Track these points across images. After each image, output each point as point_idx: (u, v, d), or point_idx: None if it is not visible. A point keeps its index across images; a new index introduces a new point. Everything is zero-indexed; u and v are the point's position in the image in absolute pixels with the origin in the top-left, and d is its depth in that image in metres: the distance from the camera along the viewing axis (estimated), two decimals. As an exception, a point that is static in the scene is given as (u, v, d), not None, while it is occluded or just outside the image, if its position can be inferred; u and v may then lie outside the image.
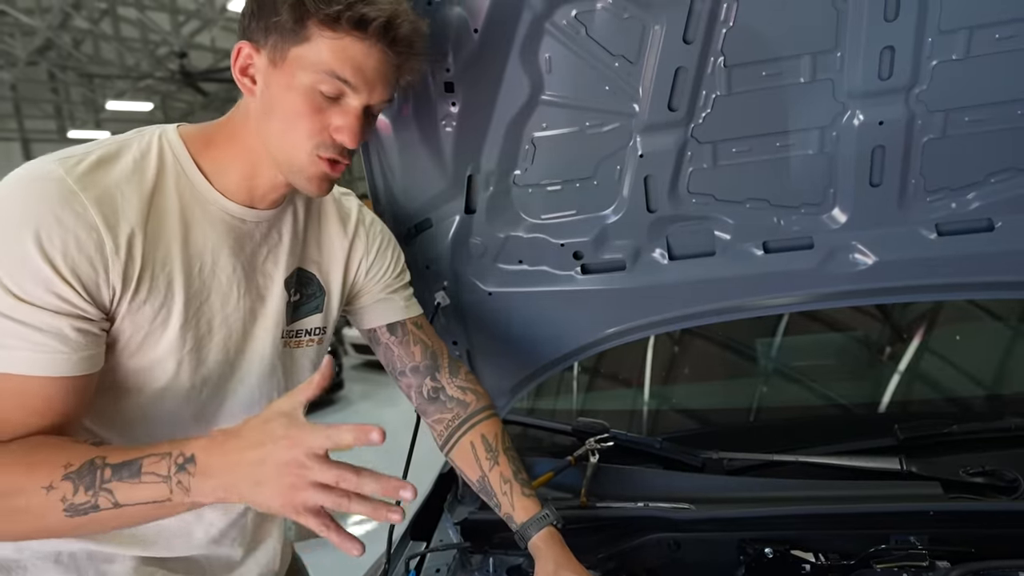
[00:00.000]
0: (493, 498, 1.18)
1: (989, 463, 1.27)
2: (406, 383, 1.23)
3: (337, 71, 0.87)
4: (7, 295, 0.79)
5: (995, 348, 1.71)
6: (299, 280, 1.07)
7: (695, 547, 1.22)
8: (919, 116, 1.17)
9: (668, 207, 1.30)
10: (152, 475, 0.79)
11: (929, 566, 1.10)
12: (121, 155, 0.88)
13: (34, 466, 0.80)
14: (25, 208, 0.80)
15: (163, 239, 0.89)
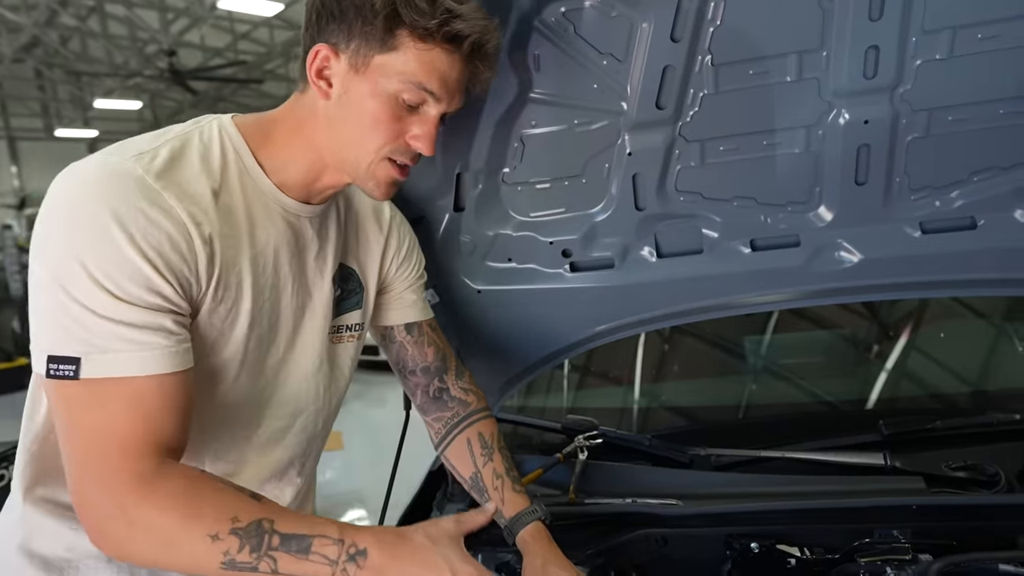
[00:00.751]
0: (484, 494, 1.20)
1: (971, 458, 1.28)
2: (414, 382, 1.24)
3: (424, 82, 0.89)
4: (106, 295, 0.78)
5: (978, 345, 1.73)
6: (341, 275, 1.08)
7: (682, 542, 1.22)
8: (903, 115, 1.18)
9: (656, 205, 1.31)
10: (320, 556, 0.82)
11: (912, 559, 1.11)
12: (187, 150, 0.88)
13: (203, 512, 0.81)
14: (111, 206, 0.79)
15: (233, 237, 0.89)
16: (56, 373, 0.78)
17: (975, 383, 1.65)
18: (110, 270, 0.78)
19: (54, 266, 0.78)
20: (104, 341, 0.78)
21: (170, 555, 0.82)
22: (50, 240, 0.80)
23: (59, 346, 0.78)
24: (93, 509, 0.81)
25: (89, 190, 0.80)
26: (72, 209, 0.80)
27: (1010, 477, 1.24)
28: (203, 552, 0.80)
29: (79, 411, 0.80)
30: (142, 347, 0.80)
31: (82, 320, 0.78)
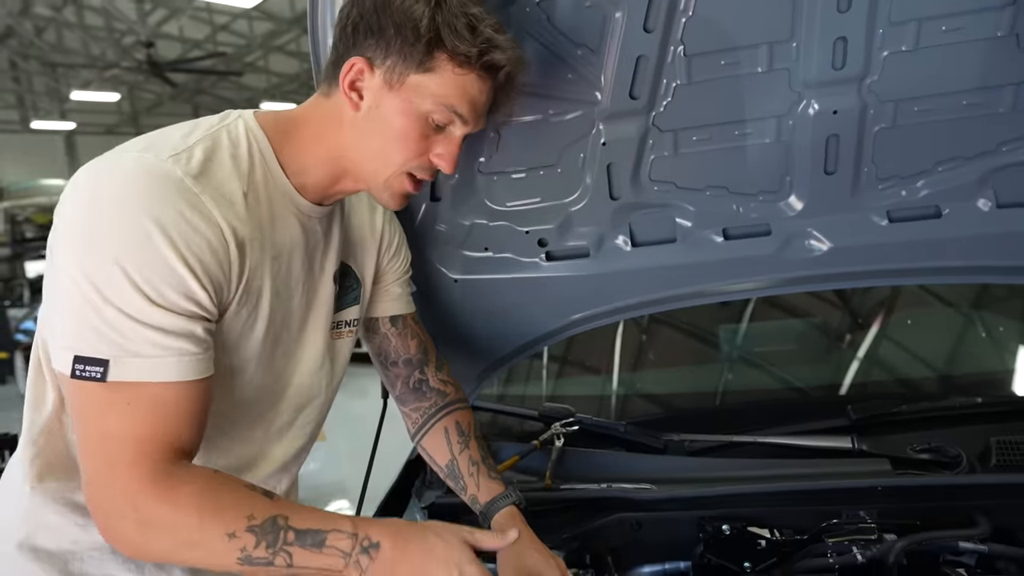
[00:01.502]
0: (460, 480, 1.21)
1: (935, 440, 1.30)
2: (395, 373, 1.25)
3: (456, 106, 0.90)
4: (144, 300, 0.77)
5: (943, 332, 1.76)
6: (341, 272, 1.09)
7: (656, 526, 1.23)
8: (871, 106, 1.19)
9: (630, 194, 1.31)
10: (334, 549, 0.83)
11: (878, 539, 1.13)
12: (218, 151, 0.87)
13: (220, 511, 0.81)
14: (155, 211, 0.77)
15: (258, 239, 0.89)
16: (82, 374, 0.77)
17: (940, 369, 1.68)
18: (150, 275, 0.77)
19: (90, 267, 0.77)
20: (136, 345, 0.78)
21: (187, 553, 0.83)
22: (86, 238, 0.78)
23: (88, 347, 0.77)
24: (106, 507, 0.81)
25: (131, 191, 0.78)
26: (113, 210, 0.78)
27: (971, 458, 1.27)
28: (220, 549, 0.81)
29: (100, 412, 0.79)
30: (172, 353, 0.79)
31: (115, 323, 0.77)
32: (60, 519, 0.93)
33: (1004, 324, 1.78)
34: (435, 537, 0.88)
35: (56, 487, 0.93)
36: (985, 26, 1.12)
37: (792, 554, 1.14)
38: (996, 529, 1.14)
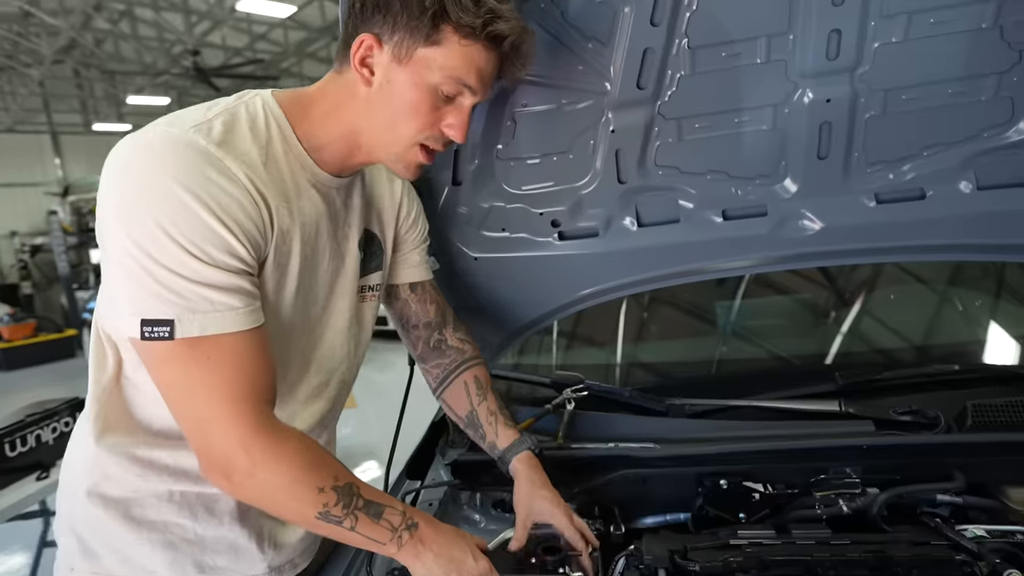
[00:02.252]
0: (479, 429, 1.20)
1: (915, 404, 1.28)
2: (416, 335, 1.23)
3: (463, 77, 0.87)
4: (194, 260, 0.77)
5: (922, 307, 1.72)
6: (365, 239, 1.06)
7: (659, 481, 1.22)
8: (862, 94, 1.16)
9: (637, 178, 1.29)
10: (387, 522, 0.88)
11: (861, 492, 1.12)
12: (238, 122, 0.85)
13: (315, 467, 0.85)
14: (182, 178, 0.76)
15: (285, 207, 0.88)
16: (151, 335, 0.77)
17: (919, 340, 1.64)
18: (192, 236, 0.76)
19: (136, 233, 0.76)
20: (194, 303, 0.77)
21: (279, 497, 0.84)
22: (129, 210, 0.77)
23: (152, 310, 0.77)
24: (218, 451, 0.81)
25: (158, 162, 0.77)
26: (146, 181, 0.77)
27: (948, 420, 1.24)
28: (309, 500, 0.83)
29: (184, 368, 0.79)
30: (228, 307, 0.79)
31: (172, 284, 0.76)
32: (121, 470, 0.93)
33: (979, 299, 1.75)
34: (457, 530, 0.95)
35: (116, 442, 0.93)
36: (971, 18, 1.08)
37: (783, 506, 1.13)
38: (970, 483, 1.12)
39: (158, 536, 0.93)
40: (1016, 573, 0.86)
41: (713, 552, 0.95)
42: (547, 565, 0.93)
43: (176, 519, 0.94)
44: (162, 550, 0.93)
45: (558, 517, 1.04)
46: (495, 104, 1.23)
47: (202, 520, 0.95)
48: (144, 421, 0.92)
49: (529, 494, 1.08)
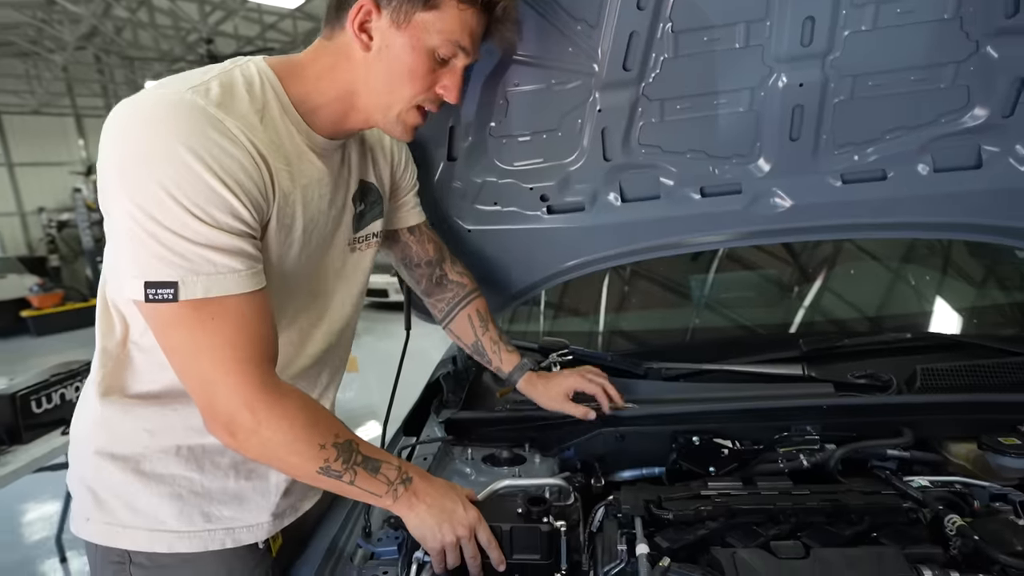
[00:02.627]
0: (484, 356, 1.25)
1: (870, 368, 1.27)
2: (419, 273, 1.22)
3: (460, 40, 0.83)
4: (198, 222, 0.71)
5: (878, 282, 1.72)
6: (363, 191, 1.01)
7: (637, 438, 1.21)
8: (832, 80, 1.13)
9: (621, 156, 1.25)
10: (384, 476, 0.85)
11: (820, 448, 1.11)
12: (235, 85, 0.79)
13: (316, 424, 0.81)
14: (183, 138, 0.71)
15: (286, 169, 0.82)
16: (155, 297, 0.72)
17: (875, 311, 1.64)
18: (197, 199, 0.71)
19: (139, 196, 0.71)
20: (198, 265, 0.72)
21: (282, 452, 0.80)
22: (130, 174, 0.71)
23: (155, 272, 0.72)
24: (223, 410, 0.77)
25: (159, 123, 0.72)
26: (148, 143, 0.71)
27: (900, 382, 1.24)
28: (310, 456, 0.80)
29: (188, 331, 0.75)
30: (231, 269, 0.74)
31: (175, 247, 0.71)
32: (129, 429, 0.90)
33: (928, 274, 1.74)
34: (448, 483, 0.93)
35: (123, 402, 0.89)
36: (934, 8, 1.05)
37: (750, 460, 1.12)
38: (916, 439, 1.12)
39: (166, 489, 0.90)
40: (956, 518, 0.85)
41: (685, 502, 0.94)
42: (532, 514, 0.91)
43: (183, 472, 0.91)
44: (170, 501, 0.90)
45: (581, 381, 1.19)
46: (488, 83, 1.18)
47: (208, 473, 0.92)
48: (151, 382, 0.88)
49: (547, 388, 1.20)
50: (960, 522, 0.84)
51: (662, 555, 0.84)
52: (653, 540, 0.88)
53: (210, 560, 0.92)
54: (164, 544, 0.90)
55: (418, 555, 0.91)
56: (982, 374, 1.22)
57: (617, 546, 0.88)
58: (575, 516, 0.97)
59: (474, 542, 0.88)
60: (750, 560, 0.79)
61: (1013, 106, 1.11)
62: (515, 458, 1.17)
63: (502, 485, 1.01)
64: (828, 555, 0.79)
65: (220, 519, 0.93)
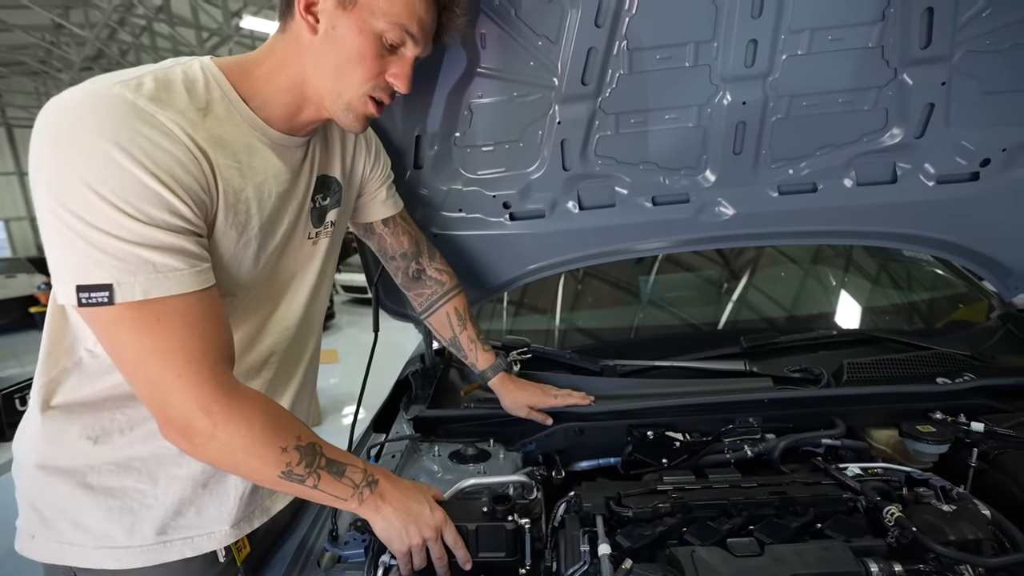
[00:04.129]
0: (461, 351, 1.12)
1: (804, 362, 1.20)
2: (395, 265, 1.07)
3: (406, 24, 0.69)
4: (125, 217, 0.56)
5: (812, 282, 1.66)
6: (322, 185, 0.85)
7: (594, 432, 1.10)
8: (771, 99, 1.04)
9: (579, 166, 1.13)
10: (349, 480, 0.73)
11: (762, 438, 1.03)
12: (172, 82, 0.64)
13: (277, 428, 0.68)
14: (109, 132, 0.56)
15: (235, 167, 0.67)
16: (88, 301, 0.57)
17: (808, 309, 1.58)
18: (124, 194, 0.56)
19: (63, 195, 0.56)
20: (133, 266, 0.57)
21: (240, 457, 0.65)
22: (55, 171, 0.56)
23: (87, 275, 0.57)
24: (177, 414, 0.62)
25: (83, 118, 0.57)
26: (71, 139, 0.56)
27: (829, 376, 1.17)
28: (271, 460, 0.66)
29: (133, 333, 0.59)
30: (170, 268, 0.59)
31: (106, 247, 0.56)
32: (73, 439, 0.73)
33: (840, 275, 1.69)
34: (415, 484, 0.81)
35: (65, 409, 0.73)
36: (860, 38, 0.97)
37: (699, 452, 1.03)
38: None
39: (115, 503, 0.74)
40: (894, 509, 0.77)
41: (643, 498, 0.83)
42: (497, 513, 0.79)
43: (134, 484, 0.74)
44: (119, 516, 0.74)
45: (544, 399, 1.10)
46: (453, 95, 1.05)
47: (162, 484, 0.75)
48: (99, 386, 0.72)
49: (515, 394, 1.11)
50: (898, 513, 0.76)
51: (624, 555, 0.73)
52: (614, 539, 0.77)
53: (164, 573, 0.76)
54: (114, 560, 0.74)
55: (384, 559, 0.78)
56: (897, 366, 1.16)
57: (580, 546, 0.77)
58: (537, 510, 0.85)
59: (440, 543, 0.76)
60: (708, 559, 0.69)
61: (923, 128, 1.05)
62: (480, 454, 1.04)
63: (468, 484, 0.89)
64: (781, 551, 0.70)
65: (177, 528, 0.77)
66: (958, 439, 0.94)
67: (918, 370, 1.14)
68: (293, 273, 0.83)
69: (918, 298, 1.62)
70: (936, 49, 0.97)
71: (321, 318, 0.92)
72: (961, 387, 1.04)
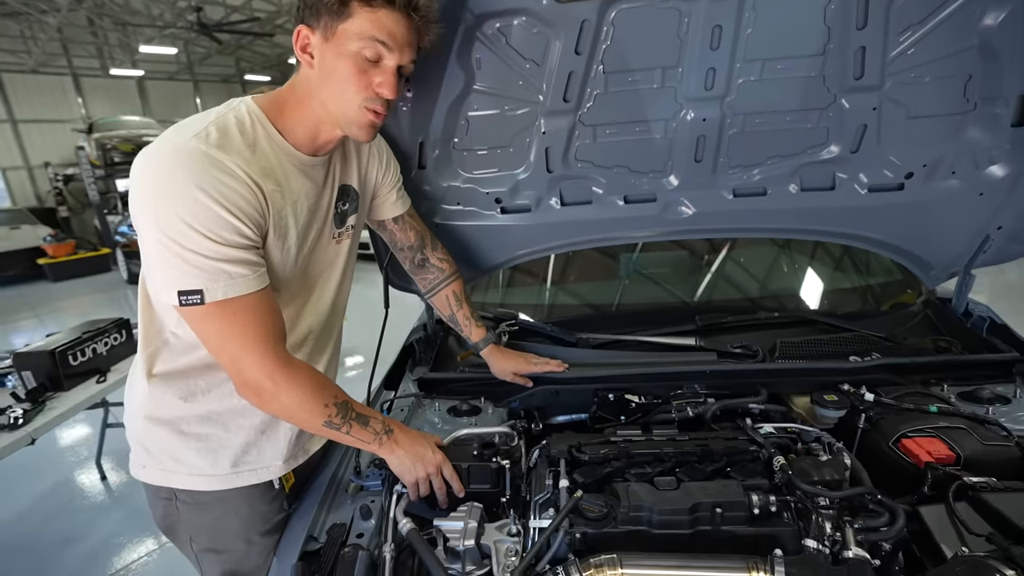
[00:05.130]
0: (458, 326, 1.33)
1: (745, 340, 1.38)
2: (403, 255, 1.27)
3: (377, 35, 0.82)
4: (210, 242, 0.77)
5: (759, 269, 1.80)
6: (343, 193, 1.04)
7: (567, 393, 1.31)
8: (728, 116, 1.20)
9: (561, 169, 1.30)
10: (372, 429, 0.95)
11: (703, 402, 1.23)
12: (229, 127, 0.83)
13: (322, 389, 0.89)
14: (194, 179, 0.76)
15: (277, 191, 0.86)
16: (187, 302, 0.79)
17: (768, 291, 1.72)
18: (210, 225, 0.77)
19: (166, 227, 0.77)
20: (215, 276, 0.79)
21: (295, 409, 0.88)
22: (157, 210, 0.77)
23: (184, 283, 0.78)
24: (251, 380, 0.85)
25: (175, 169, 0.77)
26: (167, 185, 0.77)
27: (764, 352, 1.35)
28: (318, 412, 0.88)
29: (217, 324, 0.82)
30: (240, 275, 0.81)
31: (198, 263, 0.77)
32: (170, 399, 0.95)
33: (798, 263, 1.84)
34: (420, 433, 1.02)
35: (165, 378, 0.95)
36: (806, 68, 1.12)
37: (650, 411, 1.24)
38: (772, 395, 1.24)
39: (201, 444, 0.97)
40: (781, 458, 0.95)
41: (597, 447, 1.05)
42: (484, 455, 1.01)
43: (213, 431, 0.97)
44: (205, 453, 0.97)
45: (526, 366, 1.29)
46: (453, 108, 1.21)
47: (232, 431, 0.98)
48: (185, 361, 0.94)
49: (502, 362, 1.30)
50: (783, 461, 0.95)
51: (577, 488, 0.96)
52: (572, 476, 0.99)
53: (236, 495, 1.00)
54: (203, 484, 0.98)
55: (397, 487, 1.00)
56: (823, 345, 1.35)
57: (546, 481, 0.99)
58: (517, 454, 1.07)
59: (440, 477, 0.98)
60: (638, 491, 0.91)
61: (858, 144, 1.21)
62: (472, 410, 1.28)
63: (462, 433, 1.11)
64: (692, 487, 0.91)
65: (245, 463, 1.00)
66: (854, 406, 1.15)
67: (838, 348, 1.34)
68: (323, 269, 1.03)
69: (874, 281, 1.76)
70: (868, 80, 1.13)
71: (345, 302, 1.13)
72: (867, 364, 1.24)
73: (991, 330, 1.43)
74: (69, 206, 10.75)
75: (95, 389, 2.20)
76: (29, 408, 1.96)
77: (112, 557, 2.33)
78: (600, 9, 1.06)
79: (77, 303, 7.09)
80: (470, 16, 1.06)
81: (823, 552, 0.79)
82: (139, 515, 2.57)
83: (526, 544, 0.88)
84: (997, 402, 1.17)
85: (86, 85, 12.80)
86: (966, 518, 0.83)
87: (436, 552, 0.87)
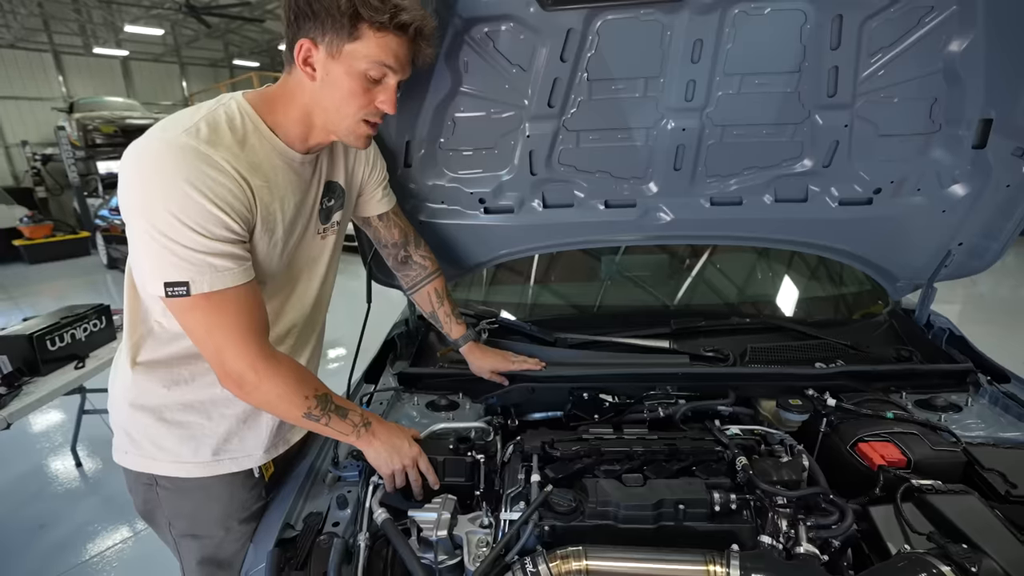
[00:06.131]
0: (439, 323, 1.35)
1: (717, 344, 1.42)
2: (387, 252, 1.29)
3: (384, 60, 0.86)
4: (198, 236, 0.78)
5: (735, 275, 1.84)
6: (329, 189, 1.05)
7: (544, 392, 1.33)
8: (707, 127, 1.24)
9: (544, 172, 1.33)
10: (350, 422, 0.97)
11: (675, 403, 1.26)
12: (219, 123, 0.84)
13: (302, 382, 0.91)
14: (184, 174, 0.77)
15: (265, 187, 0.87)
16: (173, 293, 0.80)
17: (731, 298, 1.78)
18: (197, 219, 0.78)
19: (155, 220, 0.78)
20: (202, 268, 0.80)
21: (276, 401, 0.90)
22: (146, 203, 0.78)
23: (171, 275, 0.79)
24: (234, 371, 0.86)
25: (165, 163, 0.78)
26: (158, 179, 0.78)
27: (735, 356, 1.40)
28: (298, 403, 0.90)
29: (203, 315, 0.83)
30: (226, 268, 0.82)
31: (185, 256, 0.79)
32: (153, 386, 0.96)
33: (772, 271, 1.89)
34: (398, 426, 1.04)
35: (148, 366, 0.96)
36: (782, 84, 1.16)
37: (623, 411, 1.27)
38: (740, 398, 1.28)
39: (183, 432, 0.98)
40: (743, 459, 0.99)
41: (569, 443, 1.08)
42: (460, 450, 1.04)
43: (196, 419, 0.99)
44: (187, 441, 0.98)
45: (504, 364, 1.32)
46: (439, 109, 1.23)
47: (215, 420, 1.00)
48: (169, 350, 0.95)
49: (480, 360, 1.32)
50: (745, 461, 0.99)
51: (548, 482, 0.99)
52: (544, 471, 1.02)
53: (216, 483, 1.02)
54: (184, 471, 1.00)
55: (374, 479, 1.02)
56: (791, 351, 1.40)
57: (518, 475, 1.02)
58: (493, 449, 1.10)
59: (416, 469, 1.01)
60: (605, 487, 0.94)
61: (831, 159, 1.26)
62: (450, 405, 1.30)
63: (439, 427, 1.14)
64: (657, 484, 0.95)
65: (226, 451, 1.02)
66: (816, 411, 1.20)
67: (805, 355, 1.39)
68: (307, 264, 1.04)
69: (847, 291, 1.82)
70: (841, 98, 1.17)
71: (329, 298, 1.14)
72: (830, 371, 1.29)
73: (950, 341, 1.49)
74: (47, 187, 10.48)
75: (73, 375, 2.17)
76: (5, 392, 1.94)
77: (86, 544, 2.31)
78: (586, 19, 1.08)
79: (54, 287, 6.93)
80: (458, 20, 1.08)
81: (777, 548, 0.83)
82: (114, 502, 2.55)
83: (497, 536, 0.91)
84: (950, 410, 1.23)
85: (67, 63, 12.47)
86: (911, 518, 0.88)
87: (410, 542, 0.89)
